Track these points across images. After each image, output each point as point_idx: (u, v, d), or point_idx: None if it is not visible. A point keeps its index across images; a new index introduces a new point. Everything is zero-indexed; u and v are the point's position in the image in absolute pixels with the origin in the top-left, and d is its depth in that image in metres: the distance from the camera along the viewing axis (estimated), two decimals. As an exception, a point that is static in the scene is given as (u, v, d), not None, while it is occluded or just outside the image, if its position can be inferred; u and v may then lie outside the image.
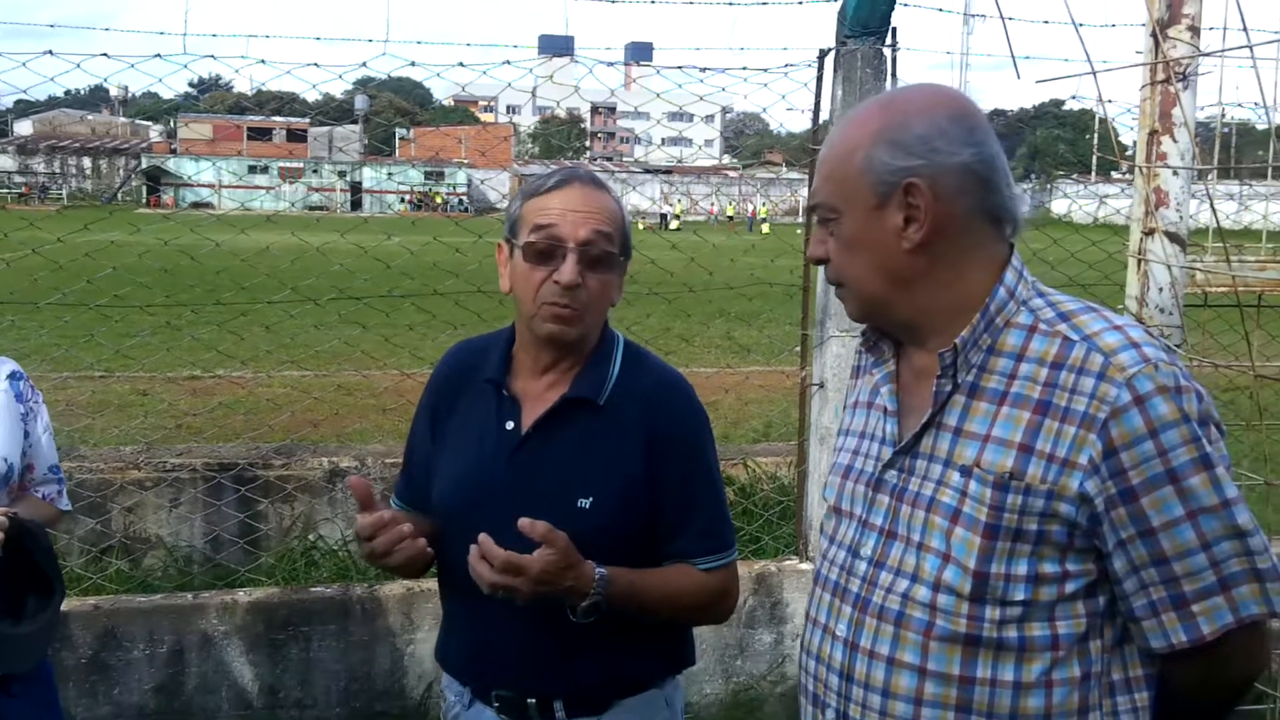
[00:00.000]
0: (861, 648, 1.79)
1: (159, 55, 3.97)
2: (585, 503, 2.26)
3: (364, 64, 4.12)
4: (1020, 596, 1.67)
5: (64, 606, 4.44)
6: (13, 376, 3.13)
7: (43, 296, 5.60)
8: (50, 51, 3.92)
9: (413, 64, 4.22)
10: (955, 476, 1.72)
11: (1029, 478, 1.65)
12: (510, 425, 2.33)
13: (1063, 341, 1.68)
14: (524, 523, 2.05)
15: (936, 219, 1.71)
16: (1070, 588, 1.68)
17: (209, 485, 5.87)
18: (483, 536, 2.08)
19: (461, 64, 4.26)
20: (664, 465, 2.30)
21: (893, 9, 4.62)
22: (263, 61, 4.19)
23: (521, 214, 2.31)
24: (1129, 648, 1.73)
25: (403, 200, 66.89)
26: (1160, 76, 2.55)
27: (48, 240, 4.52)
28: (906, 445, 1.80)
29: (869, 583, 1.81)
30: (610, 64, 4.87)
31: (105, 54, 3.93)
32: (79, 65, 3.90)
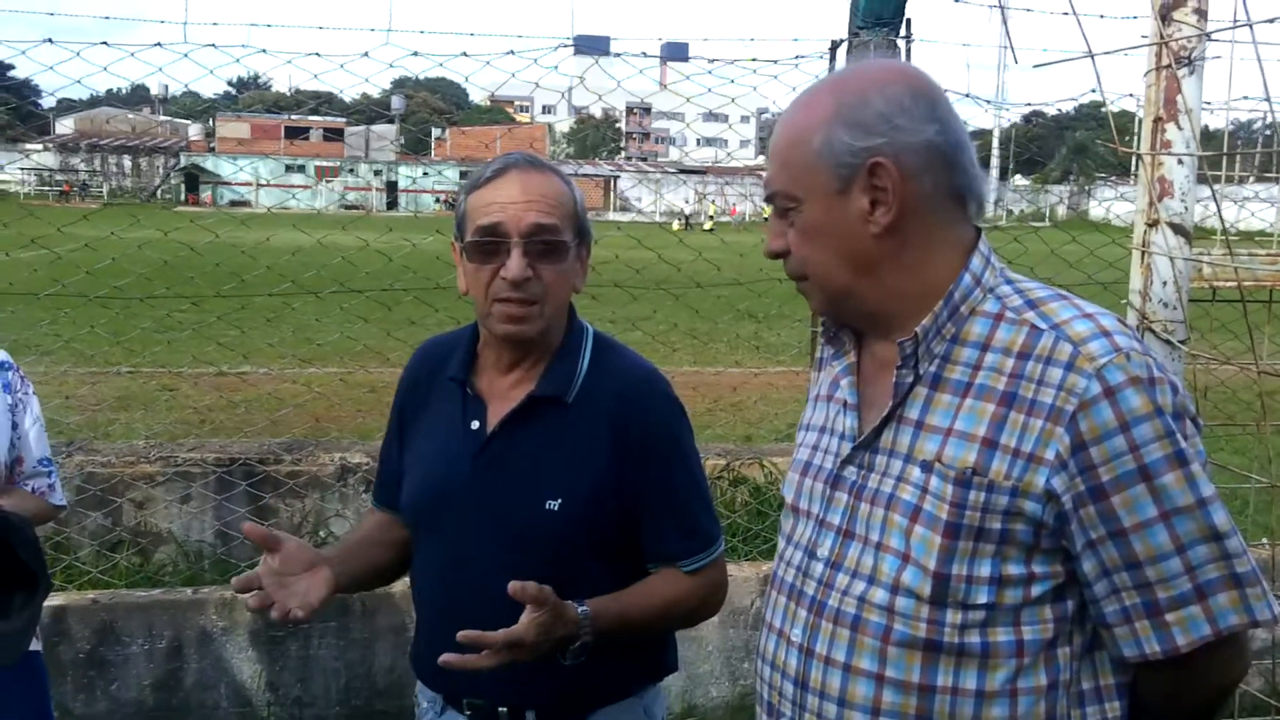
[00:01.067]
0: (817, 653, 1.70)
1: (159, 44, 3.94)
2: (554, 504, 2.17)
3: (366, 54, 4.07)
4: (983, 600, 1.58)
5: (63, 601, 4.46)
6: (1, 366, 3.09)
7: (41, 288, 5.59)
8: (50, 39, 3.90)
9: (415, 54, 4.16)
10: (916, 472, 1.63)
11: (992, 473, 1.55)
12: (475, 425, 2.25)
13: (1030, 330, 1.59)
14: (514, 587, 1.92)
15: (904, 199, 1.61)
16: (1036, 591, 1.59)
17: (220, 480, 5.85)
18: (463, 633, 1.94)
19: (465, 54, 4.19)
20: (638, 464, 2.21)
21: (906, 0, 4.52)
22: (264, 51, 4.17)
23: (465, 211, 2.21)
24: (1099, 655, 1.63)
25: (438, 200, 67.16)
26: (1165, 62, 2.44)
27: (47, 233, 4.51)
28: (866, 440, 1.71)
29: (825, 585, 1.72)
30: (616, 55, 4.80)
31: (105, 42, 3.90)
32: (79, 54, 3.87)
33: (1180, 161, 2.46)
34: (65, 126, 78.35)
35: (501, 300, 2.15)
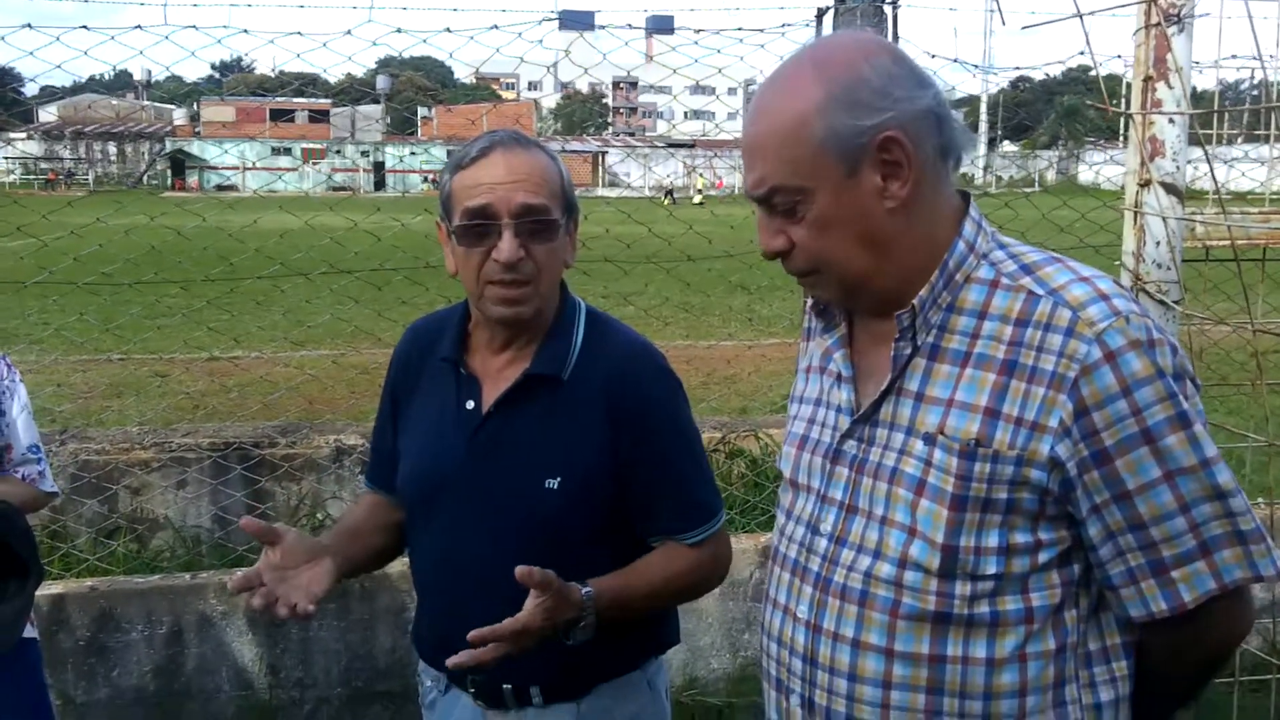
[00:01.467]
0: (825, 630, 1.69)
1: (139, 27, 3.90)
2: (553, 483, 2.16)
3: (348, 32, 4.04)
4: (992, 570, 1.57)
5: (61, 589, 4.45)
6: None
7: (28, 276, 5.56)
8: (29, 24, 3.87)
9: (399, 30, 4.13)
10: (919, 445, 1.61)
11: (996, 443, 1.54)
12: (470, 405, 2.24)
13: (1027, 296, 1.57)
14: (520, 572, 1.92)
15: (918, 169, 1.59)
16: (1044, 558, 1.58)
17: (215, 465, 5.84)
18: (473, 633, 1.96)
19: (449, 29, 4.16)
20: (636, 440, 2.20)
21: (892, -35, 4.47)
22: (245, 31, 4.13)
23: (451, 191, 2.18)
24: (1105, 615, 1.64)
25: (426, 179, 66.82)
26: (1154, 20, 2.43)
27: (32, 220, 4.49)
28: (866, 413, 1.69)
29: (830, 561, 1.71)
30: (601, 28, 4.76)
31: (85, 26, 3.87)
32: (58, 38, 3.84)
33: (1171, 120, 2.45)
34: (49, 114, 77.81)
35: (495, 282, 2.13)
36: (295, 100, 78.93)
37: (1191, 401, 1.53)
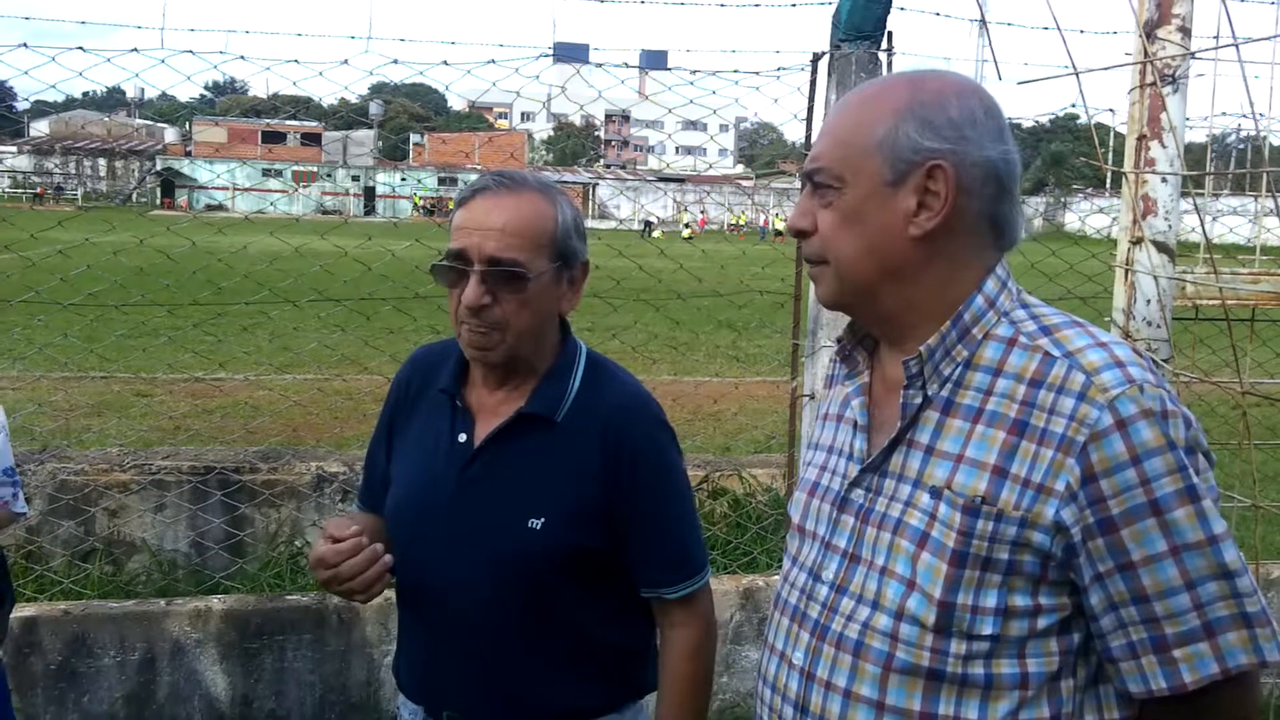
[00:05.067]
0: (818, 678, 1.67)
1: (136, 50, 3.90)
2: (536, 523, 2.14)
3: (345, 61, 4.04)
4: (988, 630, 1.55)
5: (34, 612, 4.40)
6: None
7: (14, 294, 5.52)
8: (25, 44, 3.86)
9: (395, 62, 4.15)
10: (925, 498, 1.60)
11: (1001, 503, 1.52)
12: (463, 438, 2.22)
13: (1043, 357, 1.56)
14: None
15: (952, 210, 1.59)
16: (1043, 623, 1.56)
17: (194, 489, 5.79)
18: None
19: (446, 63, 4.18)
20: (628, 488, 2.18)
21: (888, 13, 4.51)
22: (242, 58, 4.13)
23: (450, 227, 2.19)
24: (1104, 688, 1.60)
25: (416, 207, 66.84)
26: (1148, 79, 2.44)
27: (19, 238, 4.46)
28: (874, 462, 1.68)
29: (829, 609, 1.69)
30: (597, 65, 4.78)
31: (80, 47, 3.87)
32: (54, 59, 3.83)
33: (1164, 180, 2.46)
34: (40, 129, 77.77)
35: (464, 323, 2.14)
36: (288, 123, 79.09)
37: (1203, 476, 1.51)
